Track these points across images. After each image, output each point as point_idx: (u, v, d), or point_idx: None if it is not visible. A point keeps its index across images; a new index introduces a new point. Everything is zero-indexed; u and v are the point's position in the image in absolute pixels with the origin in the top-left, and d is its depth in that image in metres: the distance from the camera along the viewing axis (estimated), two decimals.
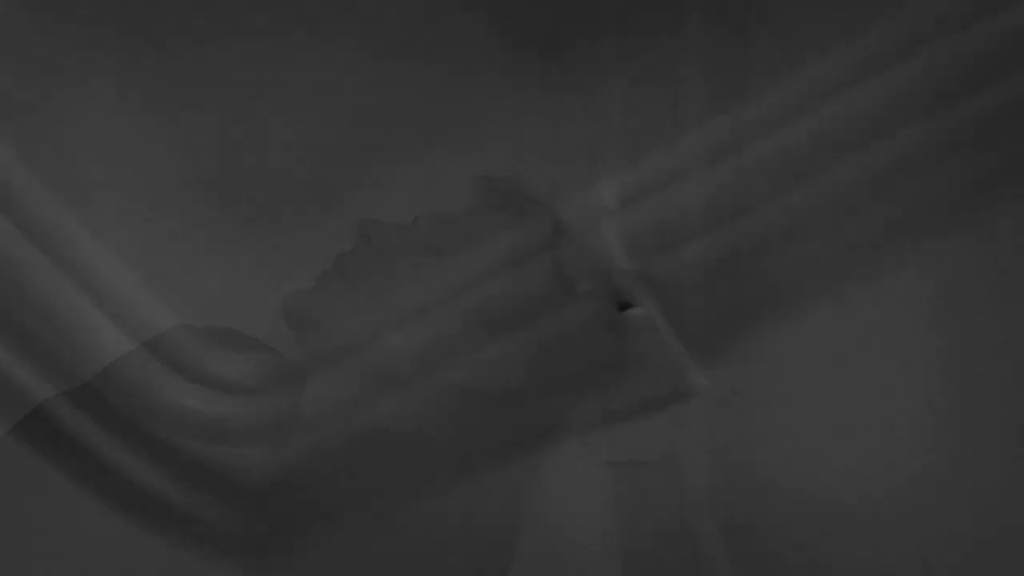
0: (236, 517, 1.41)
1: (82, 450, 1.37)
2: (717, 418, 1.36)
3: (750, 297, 1.36)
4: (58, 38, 1.36)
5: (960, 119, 1.31)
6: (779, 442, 1.34)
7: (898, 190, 1.33)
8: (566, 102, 1.39)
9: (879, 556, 1.31)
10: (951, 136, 1.31)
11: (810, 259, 1.35)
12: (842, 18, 1.34)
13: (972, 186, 1.32)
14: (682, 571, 1.33)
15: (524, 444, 1.38)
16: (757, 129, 1.35)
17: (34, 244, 1.36)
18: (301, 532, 1.41)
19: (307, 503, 1.40)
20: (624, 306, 1.37)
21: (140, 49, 1.37)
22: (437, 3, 1.38)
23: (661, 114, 1.37)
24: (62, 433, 1.37)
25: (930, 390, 1.33)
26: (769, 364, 1.35)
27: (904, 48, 1.31)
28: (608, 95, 1.38)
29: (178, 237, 1.42)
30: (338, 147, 1.41)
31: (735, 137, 1.35)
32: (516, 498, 1.34)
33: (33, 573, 1.37)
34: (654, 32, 1.36)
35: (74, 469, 1.37)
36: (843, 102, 1.32)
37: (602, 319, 1.36)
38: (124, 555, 1.38)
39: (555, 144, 1.39)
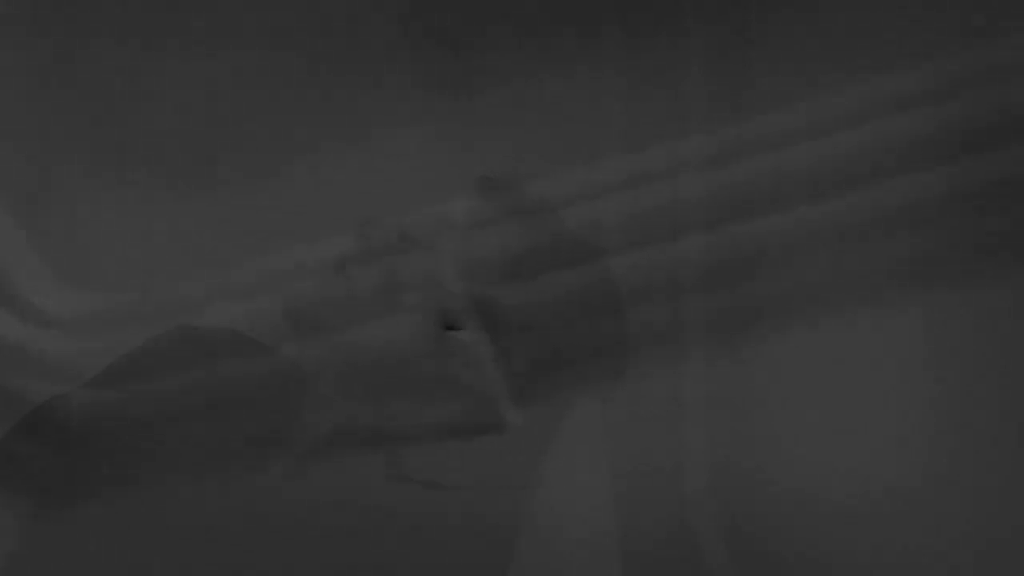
0: (42, 456, 1.39)
1: None
2: (717, 419, 1.36)
3: (751, 300, 1.36)
4: None
5: (973, 176, 1.31)
6: (779, 443, 1.34)
7: (902, 232, 1.33)
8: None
9: (879, 556, 1.31)
10: (959, 191, 1.32)
11: (813, 272, 1.35)
12: (841, 18, 1.35)
13: (976, 244, 1.33)
14: (682, 571, 1.33)
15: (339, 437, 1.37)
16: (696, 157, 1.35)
17: None
18: (102, 482, 1.38)
19: (116, 452, 1.38)
20: (452, 327, 1.35)
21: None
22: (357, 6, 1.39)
23: (661, 114, 1.37)
24: None
25: (929, 391, 1.33)
26: (769, 366, 1.35)
27: (927, 96, 1.32)
28: (609, 95, 1.38)
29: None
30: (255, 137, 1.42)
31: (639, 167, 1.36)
32: (516, 498, 1.34)
33: None
34: (654, 32, 1.36)
35: None
36: (850, 136, 1.33)
37: (425, 335, 1.35)
38: None
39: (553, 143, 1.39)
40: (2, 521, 1.38)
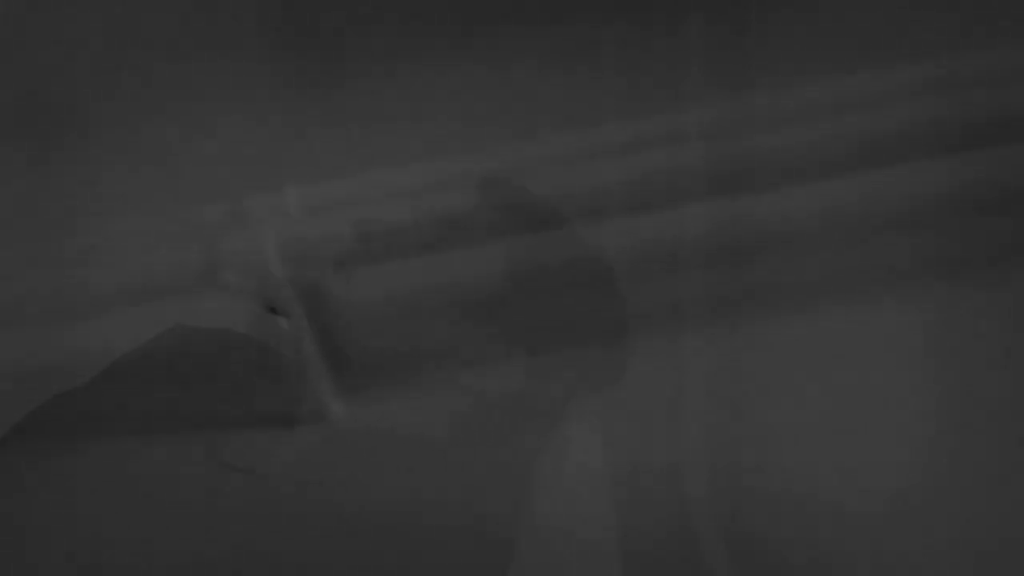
0: None
1: None
2: (717, 420, 1.36)
3: (752, 298, 1.36)
4: None
5: (974, 176, 1.31)
6: (780, 444, 1.34)
7: (904, 228, 1.33)
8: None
9: (880, 558, 1.31)
10: (961, 189, 1.31)
11: (813, 269, 1.35)
12: (842, 17, 1.34)
13: (978, 244, 1.32)
14: (682, 572, 1.33)
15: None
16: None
17: None
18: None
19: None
20: (274, 312, 1.33)
21: None
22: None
23: (660, 113, 1.37)
24: None
25: (931, 392, 1.33)
26: (770, 366, 1.35)
27: (929, 93, 1.32)
28: (607, 92, 1.38)
29: None
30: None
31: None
32: (517, 498, 1.33)
33: None
34: (654, 31, 1.36)
35: None
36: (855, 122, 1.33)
37: (243, 316, 1.32)
38: None
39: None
40: None
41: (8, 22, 1.42)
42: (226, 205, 1.37)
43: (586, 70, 1.39)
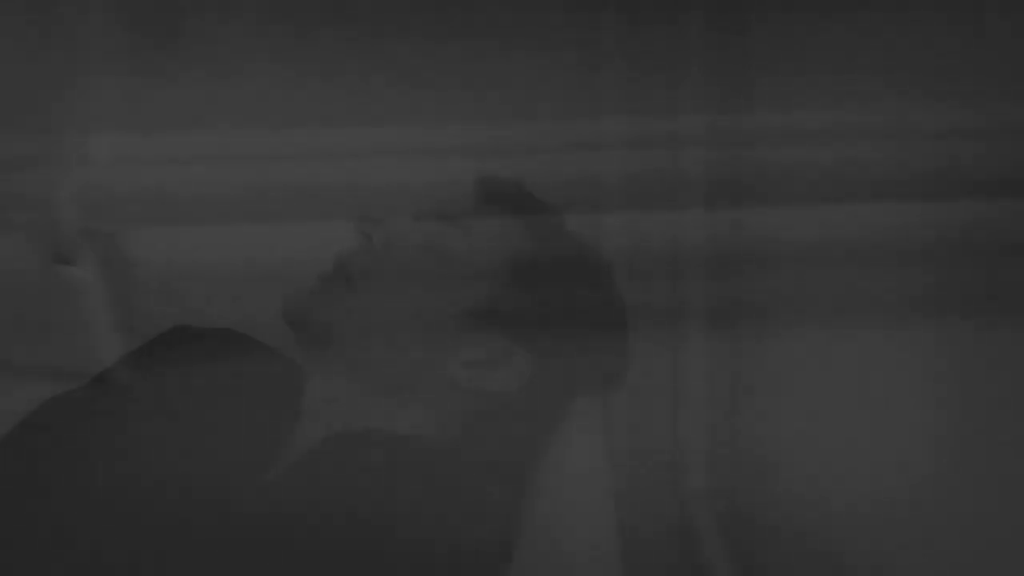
0: None
1: None
2: (720, 418, 1.36)
3: (756, 299, 1.36)
4: None
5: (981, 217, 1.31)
6: (782, 444, 1.34)
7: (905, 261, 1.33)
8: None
9: (882, 558, 1.31)
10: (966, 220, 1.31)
11: (818, 275, 1.35)
12: (841, 18, 1.35)
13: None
14: (683, 571, 1.33)
15: None
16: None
17: None
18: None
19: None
20: (63, 261, 1.24)
21: None
22: None
23: (660, 111, 1.37)
24: None
25: (936, 392, 1.33)
26: (774, 366, 1.35)
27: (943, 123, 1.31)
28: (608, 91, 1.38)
29: None
30: None
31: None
32: (517, 497, 1.33)
33: None
34: (654, 31, 1.37)
35: None
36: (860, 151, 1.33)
37: (32, 263, 1.25)
38: None
39: None
40: None
41: None
42: (29, 142, 1.32)
43: (586, 70, 1.39)
